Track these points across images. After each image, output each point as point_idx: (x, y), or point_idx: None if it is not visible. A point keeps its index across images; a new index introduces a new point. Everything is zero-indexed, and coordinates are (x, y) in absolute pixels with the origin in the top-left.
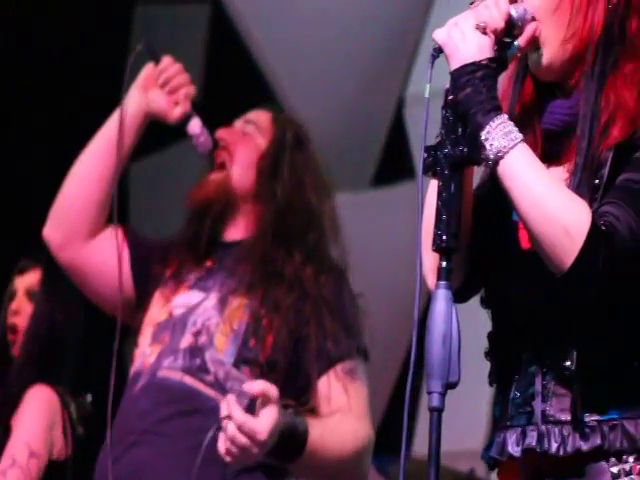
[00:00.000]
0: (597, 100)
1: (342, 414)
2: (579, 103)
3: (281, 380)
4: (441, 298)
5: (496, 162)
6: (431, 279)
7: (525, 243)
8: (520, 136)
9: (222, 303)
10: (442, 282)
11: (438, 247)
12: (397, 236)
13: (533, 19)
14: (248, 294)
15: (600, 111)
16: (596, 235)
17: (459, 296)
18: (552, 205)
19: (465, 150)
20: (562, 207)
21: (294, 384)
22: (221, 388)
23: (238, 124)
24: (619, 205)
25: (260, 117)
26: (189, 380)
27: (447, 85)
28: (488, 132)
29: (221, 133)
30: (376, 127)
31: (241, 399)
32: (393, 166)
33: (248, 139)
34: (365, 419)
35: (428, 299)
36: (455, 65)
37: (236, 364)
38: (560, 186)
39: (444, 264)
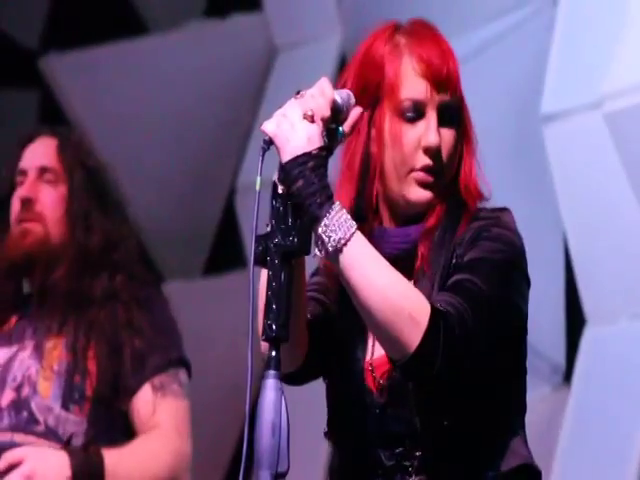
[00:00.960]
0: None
1: (151, 431)
2: (417, 230)
3: (114, 405)
4: (270, 388)
5: (335, 254)
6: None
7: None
8: (354, 224)
9: (38, 349)
10: (271, 371)
11: (267, 337)
12: (228, 325)
13: (356, 104)
14: (61, 332)
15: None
16: (436, 316)
17: (300, 377)
18: (394, 292)
19: (296, 241)
20: (404, 294)
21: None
22: (54, 435)
23: (32, 172)
24: (449, 295)
25: (48, 151)
26: (19, 437)
27: (275, 176)
28: (325, 225)
29: (24, 191)
30: (208, 217)
31: None
32: (224, 255)
33: (51, 192)
34: (177, 435)
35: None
36: (286, 157)
37: (64, 406)
38: (397, 273)
39: (273, 354)
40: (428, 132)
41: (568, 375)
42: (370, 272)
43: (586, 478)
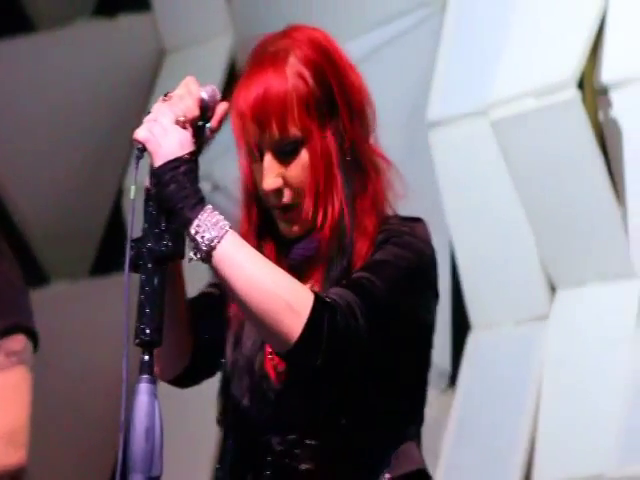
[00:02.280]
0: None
1: None
2: (317, 239)
3: None
4: (144, 392)
5: (209, 253)
6: None
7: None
8: (227, 224)
9: None
10: (144, 376)
11: (140, 341)
12: (115, 325)
13: (222, 99)
14: None
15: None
16: (320, 307)
17: (188, 378)
18: (272, 284)
19: (170, 245)
20: (283, 285)
21: None
22: None
23: None
24: (344, 290)
25: None
26: None
27: (147, 181)
28: (198, 225)
29: None
30: (95, 217)
31: None
32: (111, 256)
33: None
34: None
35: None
36: (159, 161)
37: None
38: (275, 267)
39: (146, 358)
40: (262, 177)
41: (453, 379)
42: (246, 267)
43: (472, 471)
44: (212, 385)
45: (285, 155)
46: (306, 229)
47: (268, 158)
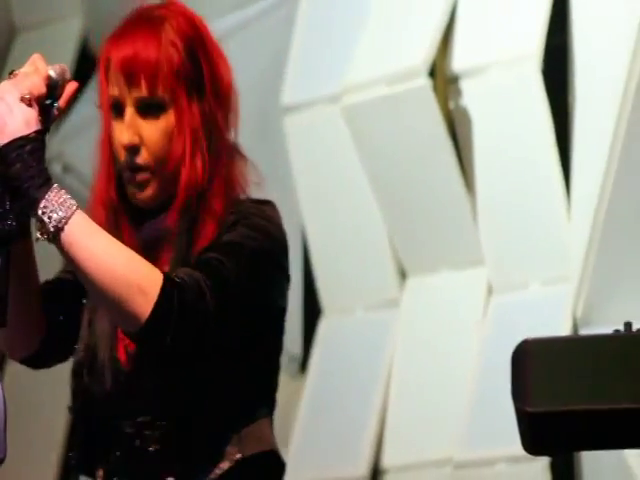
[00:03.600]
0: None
1: None
2: (167, 219)
3: None
4: None
5: (56, 234)
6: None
7: None
8: (75, 203)
9: None
10: None
11: None
12: None
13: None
14: None
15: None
16: (169, 287)
17: (41, 360)
18: (121, 265)
19: (14, 224)
20: (131, 266)
21: None
22: None
23: None
24: (192, 270)
25: None
26: None
27: None
28: (45, 206)
29: None
30: None
31: None
32: None
33: None
34: None
35: None
36: (4, 140)
37: None
38: (125, 247)
39: None
40: (120, 133)
41: (304, 364)
42: (93, 248)
43: (321, 461)
44: (66, 369)
45: (149, 114)
46: (156, 199)
47: (130, 112)
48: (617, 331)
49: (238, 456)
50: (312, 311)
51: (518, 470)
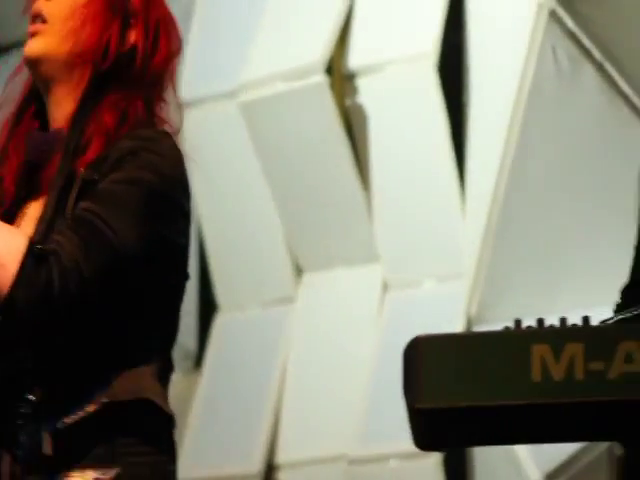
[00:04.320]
0: (82, 129)
1: None
2: (58, 133)
3: None
4: None
5: None
6: None
7: None
8: None
9: None
10: None
11: None
12: None
13: None
14: None
15: (82, 136)
16: (33, 261)
17: None
18: None
19: None
20: None
21: None
22: None
23: None
24: (70, 231)
25: None
26: None
27: None
28: None
29: None
30: None
31: None
32: None
33: None
34: None
35: None
36: None
37: None
38: None
39: None
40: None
41: (199, 360)
42: None
43: (215, 457)
44: None
45: None
46: (41, 55)
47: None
48: (507, 328)
49: (105, 400)
50: (207, 307)
51: (411, 466)
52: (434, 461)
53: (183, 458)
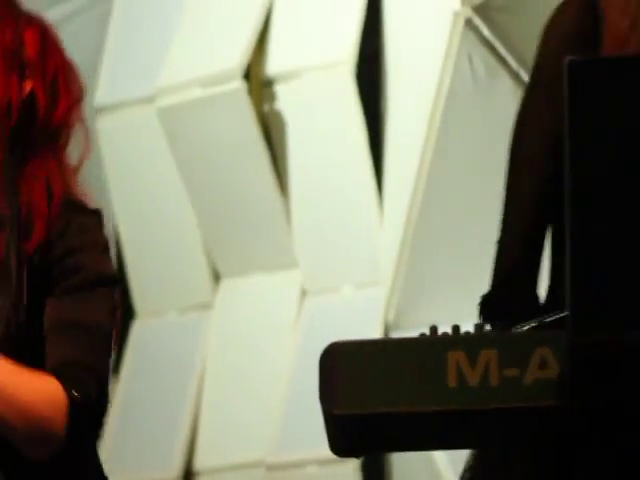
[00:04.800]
0: (18, 206)
1: None
2: None
3: None
4: None
5: None
6: None
7: None
8: None
9: None
10: None
11: None
12: None
13: None
14: None
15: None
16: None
17: None
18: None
19: None
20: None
21: None
22: None
23: None
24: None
25: None
26: None
27: None
28: None
29: None
30: None
31: None
32: None
33: None
34: None
35: None
36: None
37: None
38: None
39: None
40: None
41: (116, 367)
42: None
43: (133, 464)
44: None
45: None
46: None
47: None
48: (423, 334)
49: None
50: (125, 313)
51: (329, 472)
52: (352, 467)
53: None
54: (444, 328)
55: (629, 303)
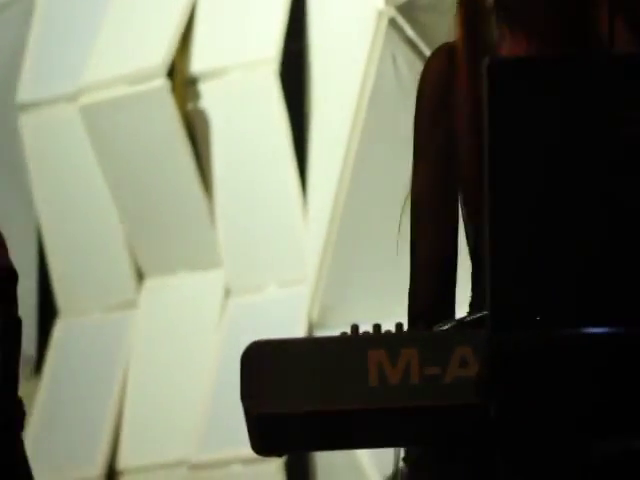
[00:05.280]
0: None
1: None
2: None
3: None
4: None
5: None
6: None
7: None
8: None
9: None
10: None
11: None
12: None
13: None
14: None
15: None
16: None
17: None
18: None
19: None
20: None
21: None
22: None
23: None
24: None
25: None
26: None
27: None
28: None
29: None
30: None
31: None
32: None
33: None
34: None
35: None
36: None
37: None
38: None
39: None
40: None
41: (39, 366)
42: None
43: (56, 462)
44: None
45: None
46: None
47: None
48: (344, 333)
49: None
50: (47, 312)
51: (253, 471)
52: (276, 466)
53: None
54: (368, 327)
55: (547, 301)
